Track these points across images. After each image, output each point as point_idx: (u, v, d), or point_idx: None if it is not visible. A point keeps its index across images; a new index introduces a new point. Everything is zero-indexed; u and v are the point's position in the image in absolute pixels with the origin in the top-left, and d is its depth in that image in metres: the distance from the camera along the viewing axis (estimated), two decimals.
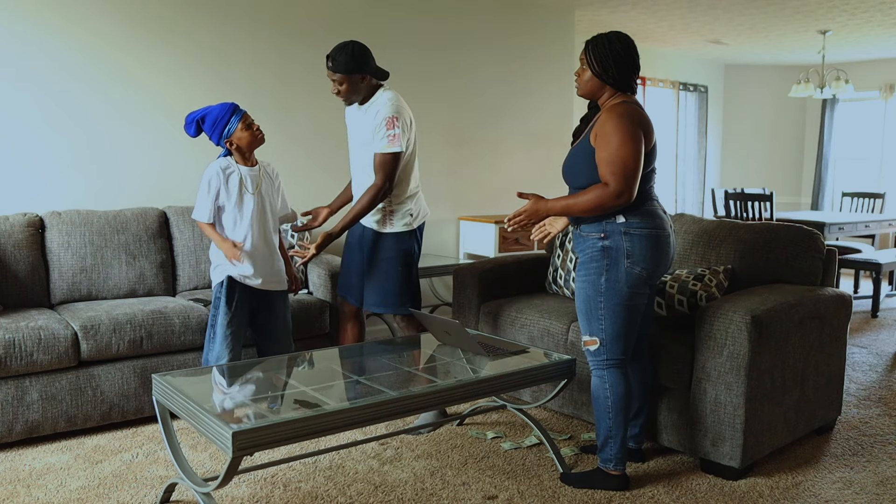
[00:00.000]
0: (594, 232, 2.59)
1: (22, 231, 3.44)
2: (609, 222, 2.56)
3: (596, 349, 2.62)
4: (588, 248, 2.61)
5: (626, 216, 2.55)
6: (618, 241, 2.55)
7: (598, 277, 2.58)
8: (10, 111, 3.68)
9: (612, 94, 2.59)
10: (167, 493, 2.52)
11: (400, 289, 3.23)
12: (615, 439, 2.65)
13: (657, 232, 2.58)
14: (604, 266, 2.57)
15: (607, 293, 2.57)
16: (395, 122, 3.03)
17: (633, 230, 2.55)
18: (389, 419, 2.29)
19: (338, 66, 3.03)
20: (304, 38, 4.60)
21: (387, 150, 3.05)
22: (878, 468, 2.89)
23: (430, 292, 5.31)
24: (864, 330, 5.32)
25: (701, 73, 8.68)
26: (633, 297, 2.57)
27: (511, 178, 5.82)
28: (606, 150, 2.46)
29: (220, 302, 3.01)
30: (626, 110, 2.51)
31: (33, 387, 2.98)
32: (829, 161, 8.81)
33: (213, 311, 3.04)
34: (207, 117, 2.98)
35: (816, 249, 3.17)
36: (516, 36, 5.73)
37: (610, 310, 2.57)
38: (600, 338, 2.60)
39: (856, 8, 5.86)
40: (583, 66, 2.60)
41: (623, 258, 2.55)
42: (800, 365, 2.92)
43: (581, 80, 2.62)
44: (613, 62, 2.54)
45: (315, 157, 4.72)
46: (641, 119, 2.52)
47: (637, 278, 2.56)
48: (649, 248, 2.56)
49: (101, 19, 3.89)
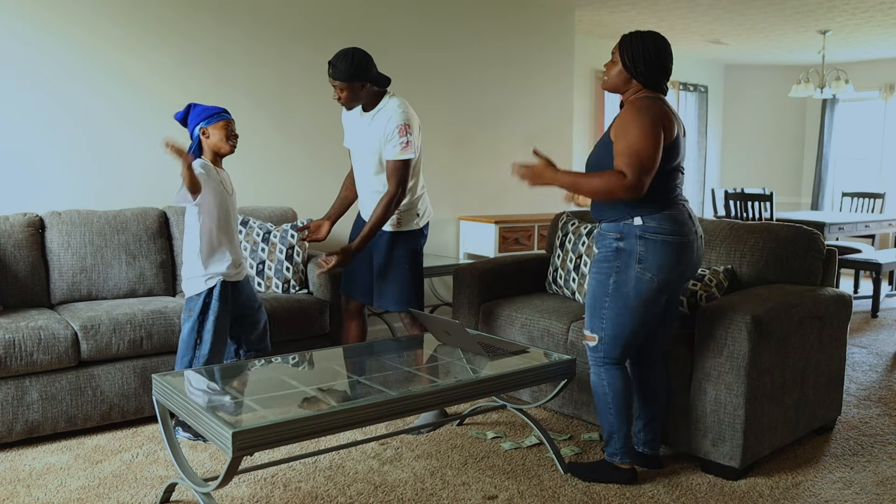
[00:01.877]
0: (611, 231, 2.57)
1: (22, 231, 3.44)
2: (626, 223, 2.53)
3: (594, 346, 2.64)
4: (604, 246, 2.60)
5: (643, 218, 2.50)
6: (632, 244, 2.52)
7: (607, 278, 2.57)
8: (10, 111, 3.68)
9: (638, 90, 2.56)
10: (167, 493, 2.52)
11: (409, 286, 3.28)
12: (619, 433, 2.66)
13: (676, 239, 2.51)
14: (614, 267, 2.55)
15: (613, 295, 2.55)
16: (408, 130, 3.08)
17: (649, 235, 2.50)
18: (389, 419, 2.30)
19: (338, 73, 3.04)
20: (305, 38, 4.59)
21: (400, 157, 3.08)
22: (878, 468, 2.89)
23: (430, 292, 5.31)
24: (864, 330, 5.32)
25: (701, 73, 8.68)
26: (640, 303, 2.53)
27: (511, 179, 5.82)
28: (623, 142, 2.44)
29: (212, 306, 2.97)
30: (646, 104, 2.48)
31: (33, 387, 2.98)
32: (829, 161, 8.81)
33: (196, 318, 2.97)
34: (198, 107, 3.01)
35: (816, 249, 3.17)
36: (516, 36, 5.73)
37: (613, 311, 2.56)
38: (599, 336, 2.61)
39: (856, 8, 5.86)
40: (614, 58, 2.59)
41: (634, 262, 2.51)
42: (800, 365, 2.92)
43: (609, 73, 2.60)
44: (643, 59, 2.51)
45: (315, 157, 4.72)
46: (662, 114, 2.48)
47: (647, 285, 2.51)
48: (665, 256, 2.50)
49: (102, 19, 3.89)
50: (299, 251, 3.94)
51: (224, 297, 3.01)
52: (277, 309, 3.55)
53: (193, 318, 2.98)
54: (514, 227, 5.29)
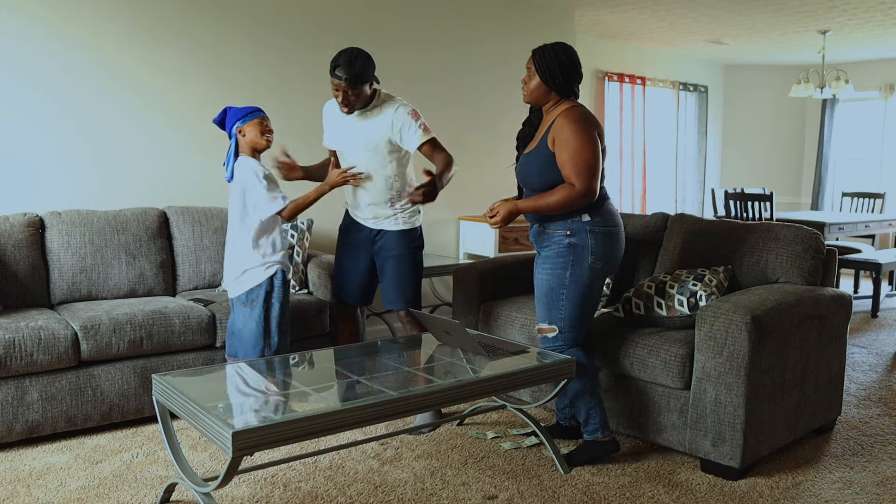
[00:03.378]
0: (560, 230, 2.79)
1: (22, 231, 3.45)
2: (575, 221, 2.76)
3: (554, 336, 2.83)
4: (554, 244, 2.81)
5: (590, 215, 2.76)
6: (584, 238, 2.76)
7: (563, 272, 2.78)
8: (10, 111, 3.68)
9: (558, 100, 2.80)
10: (167, 493, 2.52)
11: (412, 284, 3.31)
12: (596, 410, 2.87)
13: (616, 230, 2.82)
14: (569, 261, 2.77)
15: (570, 286, 2.78)
16: (418, 113, 3.18)
17: (598, 228, 2.77)
18: (389, 419, 2.29)
19: (353, 76, 3.01)
20: (305, 39, 4.59)
21: (428, 137, 3.17)
22: (878, 468, 2.89)
23: (430, 292, 5.31)
24: (864, 330, 5.32)
25: (701, 73, 8.68)
26: (593, 288, 2.81)
27: (511, 179, 5.81)
28: (568, 152, 2.67)
29: (276, 294, 3.03)
30: (581, 114, 2.72)
31: (33, 387, 2.98)
32: (828, 161, 8.81)
33: (261, 308, 3.01)
34: (235, 109, 3.08)
35: (816, 249, 3.16)
36: (516, 36, 5.73)
37: (571, 301, 2.79)
38: (559, 325, 2.81)
39: (856, 8, 5.86)
40: (530, 74, 2.80)
41: (588, 254, 2.76)
42: (800, 365, 2.92)
43: (528, 88, 2.83)
44: (559, 69, 2.74)
45: (315, 157, 4.72)
46: (595, 122, 2.74)
47: (599, 272, 2.80)
48: (611, 246, 2.80)
49: (102, 20, 3.89)
50: (299, 251, 3.94)
51: (286, 286, 3.09)
52: None
53: (259, 307, 3.02)
54: (514, 226, 5.28)
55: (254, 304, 3.03)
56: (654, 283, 3.10)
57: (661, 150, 8.29)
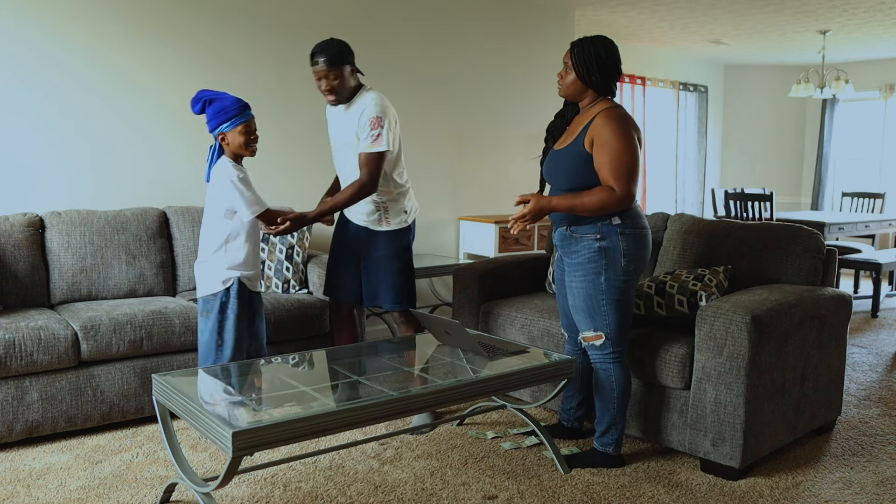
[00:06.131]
0: (590, 233, 2.70)
1: (22, 231, 3.45)
2: (605, 224, 2.68)
3: (602, 343, 2.75)
4: (584, 248, 2.72)
5: (620, 218, 2.68)
6: (615, 241, 2.68)
7: (597, 277, 2.70)
8: (10, 112, 3.68)
9: (595, 97, 2.72)
10: (167, 493, 2.52)
11: (400, 284, 3.27)
12: (618, 426, 2.83)
13: (645, 231, 2.75)
14: (602, 266, 2.69)
15: (608, 291, 2.70)
16: (380, 122, 3.04)
17: (628, 230, 2.68)
18: (389, 419, 2.29)
19: (328, 58, 3.00)
20: (303, 39, 4.59)
21: (372, 150, 3.04)
22: (878, 468, 2.89)
23: (430, 292, 5.31)
24: (864, 330, 5.32)
25: (701, 73, 8.68)
26: (628, 291, 2.74)
27: (511, 179, 5.82)
28: (608, 155, 2.58)
29: (231, 305, 2.91)
30: (621, 115, 2.64)
31: (33, 387, 2.98)
32: (828, 161, 8.81)
33: (215, 318, 2.91)
34: (217, 102, 2.90)
35: (816, 249, 3.16)
36: (516, 36, 5.73)
37: (611, 305, 2.71)
38: (605, 332, 2.73)
39: (856, 8, 5.86)
40: (566, 68, 2.71)
41: (620, 257, 2.68)
42: (800, 365, 2.92)
43: (564, 82, 2.74)
44: (597, 66, 2.65)
45: (314, 157, 4.72)
46: (634, 125, 2.67)
47: (632, 274, 2.73)
48: (642, 247, 2.73)
49: (101, 20, 3.89)
50: (299, 251, 3.94)
51: (244, 296, 2.94)
52: (277, 309, 3.55)
53: (216, 315, 2.91)
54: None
55: (208, 315, 2.92)
56: (654, 283, 3.10)
57: (661, 149, 8.29)
